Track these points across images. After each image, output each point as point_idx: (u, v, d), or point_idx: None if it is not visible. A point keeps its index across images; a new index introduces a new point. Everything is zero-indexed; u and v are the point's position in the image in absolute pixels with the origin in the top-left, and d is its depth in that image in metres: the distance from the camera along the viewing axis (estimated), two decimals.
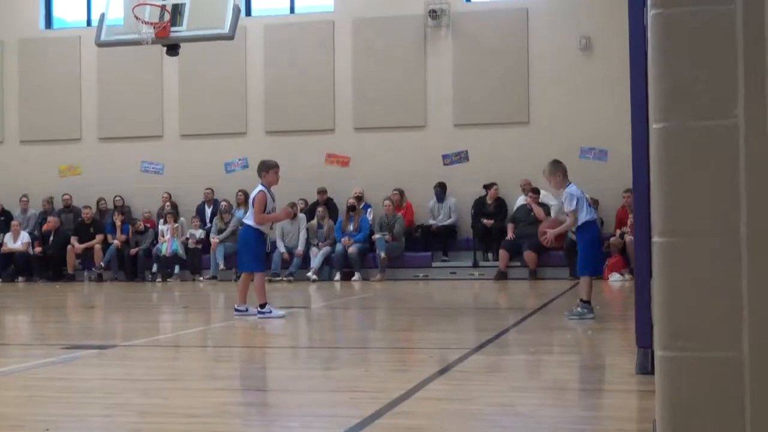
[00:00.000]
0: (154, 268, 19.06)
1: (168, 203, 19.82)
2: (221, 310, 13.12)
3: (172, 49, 14.84)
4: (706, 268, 2.63)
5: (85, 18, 21.51)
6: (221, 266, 18.72)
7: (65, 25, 21.95)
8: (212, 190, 19.87)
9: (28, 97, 21.20)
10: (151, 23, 14.25)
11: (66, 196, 20.51)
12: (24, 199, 20.61)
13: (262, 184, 10.12)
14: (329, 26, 20.03)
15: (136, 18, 14.34)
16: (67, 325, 10.95)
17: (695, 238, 2.64)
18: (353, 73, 19.84)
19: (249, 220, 10.11)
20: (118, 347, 7.92)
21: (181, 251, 18.95)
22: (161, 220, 19.46)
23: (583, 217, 9.07)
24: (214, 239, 18.80)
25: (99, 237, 19.47)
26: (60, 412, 5.00)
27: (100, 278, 19.13)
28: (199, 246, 19.06)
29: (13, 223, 19.94)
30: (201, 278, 18.77)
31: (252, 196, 10.18)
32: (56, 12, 21.90)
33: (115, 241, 19.38)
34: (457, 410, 4.81)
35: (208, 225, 19.47)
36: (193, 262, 19.07)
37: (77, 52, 20.96)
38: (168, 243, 18.88)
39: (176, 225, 19.13)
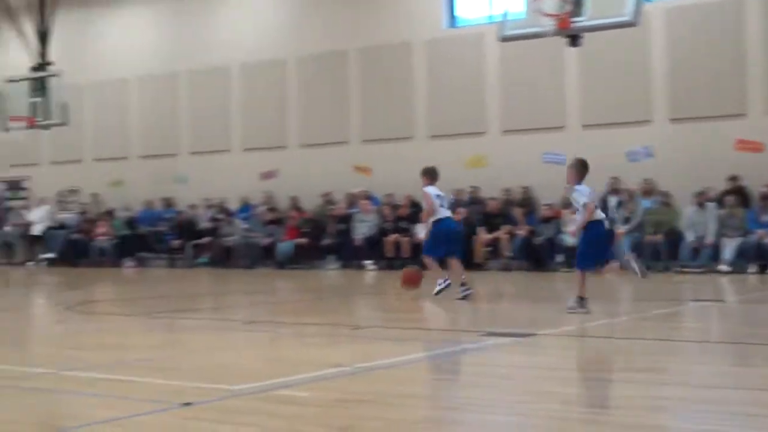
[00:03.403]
0: (559, 258, 19.19)
1: None
2: (627, 302, 12.96)
3: (574, 39, 14.85)
4: None
5: (487, 15, 22.14)
6: (627, 256, 18.41)
7: (468, 23, 22.74)
8: (615, 179, 19.61)
9: (436, 94, 22.23)
10: (553, 15, 14.34)
11: (473, 188, 21.23)
12: None
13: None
14: (738, 6, 18.99)
15: (538, 11, 14.52)
16: (480, 313, 11.30)
17: None
18: (764, 55, 18.64)
19: None
20: (534, 336, 8.04)
21: None
22: (565, 211, 19.53)
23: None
24: (619, 229, 18.58)
25: (505, 227, 19.95)
26: (492, 396, 5.18)
27: (507, 268, 19.61)
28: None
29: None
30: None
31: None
32: (459, 11, 22.75)
33: (521, 232, 19.76)
34: None
35: (612, 215, 19.25)
36: None
37: (480, 48, 21.63)
38: (571, 233, 18.93)
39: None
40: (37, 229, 26.43)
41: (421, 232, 20.52)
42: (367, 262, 20.69)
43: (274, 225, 22.67)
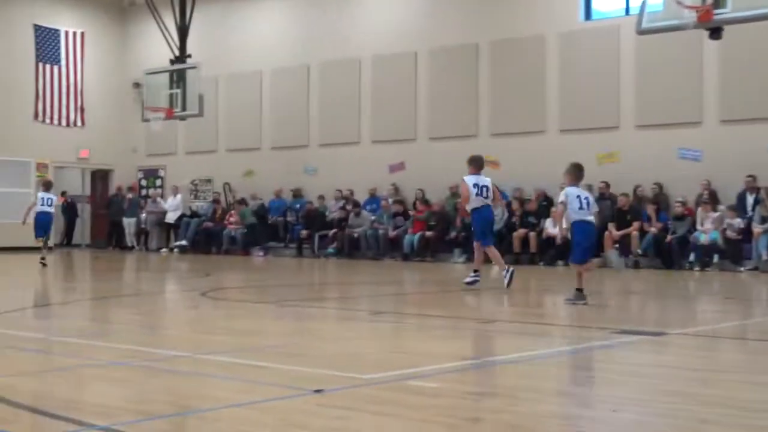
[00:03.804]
0: (692, 256, 18.69)
1: (707, 191, 19.29)
2: (763, 303, 12.53)
3: (715, 32, 14.41)
4: None
5: (623, 7, 21.70)
6: (764, 256, 17.81)
7: (604, 15, 22.32)
8: (754, 178, 18.96)
9: (568, 88, 21.88)
10: (693, 7, 13.95)
11: (602, 184, 20.82)
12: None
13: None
14: None
15: (678, 3, 14.14)
16: (608, 311, 11.09)
17: None
18: None
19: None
20: (665, 335, 7.85)
21: (720, 240, 18.37)
22: (699, 209, 19.01)
23: (574, 215, 10.43)
24: (756, 228, 17.96)
25: (636, 224, 19.54)
26: (623, 394, 5.08)
27: (636, 265, 19.20)
28: (740, 236, 18.32)
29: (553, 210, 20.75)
30: (741, 268, 18.04)
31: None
32: (595, 4, 22.35)
33: (652, 229, 19.31)
34: None
35: (749, 213, 18.63)
36: (732, 251, 18.38)
37: (616, 41, 21.20)
38: (707, 232, 18.41)
39: (717, 214, 18.56)
40: (171, 217, 27.26)
41: (551, 227, 20.35)
42: None
43: (401, 217, 22.77)
